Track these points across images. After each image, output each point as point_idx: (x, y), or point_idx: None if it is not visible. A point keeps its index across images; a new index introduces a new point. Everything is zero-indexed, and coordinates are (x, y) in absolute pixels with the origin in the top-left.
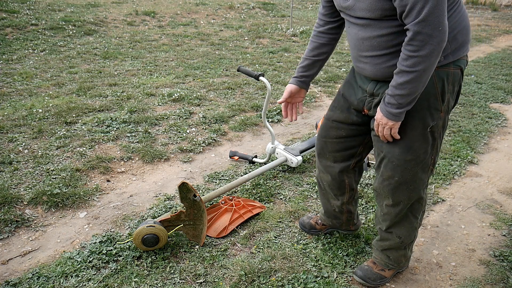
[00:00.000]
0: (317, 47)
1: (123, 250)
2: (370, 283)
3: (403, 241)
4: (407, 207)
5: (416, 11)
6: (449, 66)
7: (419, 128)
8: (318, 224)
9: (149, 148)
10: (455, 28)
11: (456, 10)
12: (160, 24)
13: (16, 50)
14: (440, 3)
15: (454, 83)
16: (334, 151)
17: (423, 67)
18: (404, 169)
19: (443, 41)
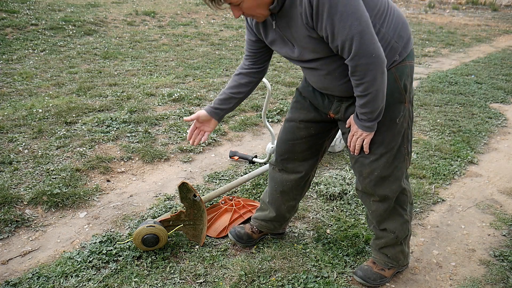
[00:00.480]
0: (237, 86)
1: (123, 250)
2: (370, 283)
3: (397, 236)
4: (393, 200)
5: (346, 50)
6: (405, 61)
7: (388, 122)
8: (255, 233)
9: (149, 148)
10: (396, 29)
11: (389, 13)
12: (160, 24)
13: (16, 50)
14: (365, 34)
15: (411, 74)
16: (304, 151)
17: (374, 89)
18: (381, 163)
19: (382, 63)
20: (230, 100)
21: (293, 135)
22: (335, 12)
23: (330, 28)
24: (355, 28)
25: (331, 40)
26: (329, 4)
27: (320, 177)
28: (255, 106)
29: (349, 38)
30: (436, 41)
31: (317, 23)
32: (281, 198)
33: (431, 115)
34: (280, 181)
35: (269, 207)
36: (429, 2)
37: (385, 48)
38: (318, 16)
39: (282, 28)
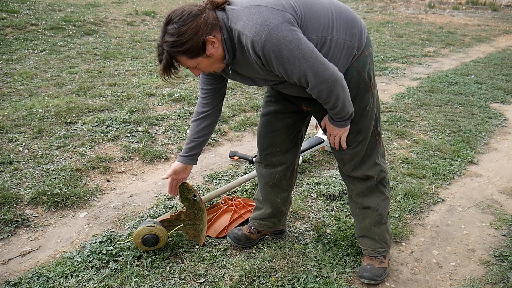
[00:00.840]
0: (201, 130)
1: (123, 250)
2: (379, 280)
3: (381, 212)
4: (375, 179)
5: (304, 84)
6: (364, 52)
7: (361, 112)
8: (253, 233)
9: (149, 148)
10: (346, 29)
11: (335, 20)
12: (160, 24)
13: (16, 50)
14: (315, 67)
15: (372, 62)
16: (284, 141)
17: (340, 102)
18: (360, 149)
19: (339, 81)
20: (199, 145)
21: (271, 127)
22: (282, 59)
23: (282, 71)
24: (304, 66)
25: (287, 79)
26: (274, 54)
27: (320, 177)
28: (255, 106)
29: (302, 75)
30: (436, 41)
31: (270, 68)
32: (273, 192)
33: (431, 115)
34: (268, 175)
35: (264, 204)
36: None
37: (341, 52)
38: (269, 64)
39: (240, 70)
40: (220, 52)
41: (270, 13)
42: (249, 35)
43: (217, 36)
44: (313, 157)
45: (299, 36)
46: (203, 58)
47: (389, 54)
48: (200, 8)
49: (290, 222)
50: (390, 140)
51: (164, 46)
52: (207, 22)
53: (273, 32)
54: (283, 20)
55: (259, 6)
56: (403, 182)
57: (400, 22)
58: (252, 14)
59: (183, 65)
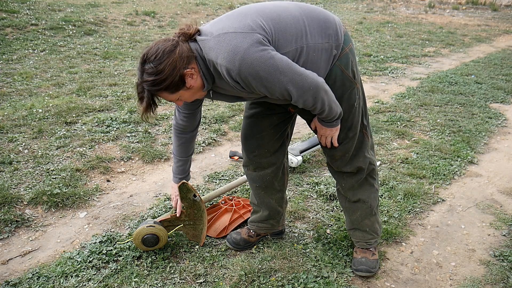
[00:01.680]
0: (186, 148)
1: (123, 250)
2: (373, 271)
3: (371, 204)
4: (365, 172)
5: (287, 97)
6: (344, 49)
7: (348, 109)
8: (252, 237)
9: (149, 148)
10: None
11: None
12: (160, 24)
13: (16, 50)
14: (294, 80)
15: (354, 57)
16: (272, 140)
17: (326, 105)
18: (351, 145)
19: (321, 86)
20: (187, 160)
21: (258, 128)
22: (260, 80)
23: (264, 91)
24: (284, 81)
25: (270, 96)
26: (252, 77)
27: (320, 177)
28: None
29: (284, 90)
30: (436, 41)
31: (250, 89)
32: (267, 194)
33: (431, 115)
34: (259, 179)
35: (260, 208)
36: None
37: (320, 55)
38: (248, 87)
39: (223, 92)
40: (199, 82)
41: (239, 38)
42: (223, 64)
43: (194, 67)
44: (313, 157)
45: (271, 54)
46: (184, 90)
47: (389, 54)
48: (173, 43)
49: (290, 222)
50: (390, 140)
51: (144, 86)
52: (182, 56)
53: (245, 56)
54: (253, 42)
55: (227, 33)
56: (403, 182)
57: (400, 22)
58: (221, 43)
59: (166, 99)
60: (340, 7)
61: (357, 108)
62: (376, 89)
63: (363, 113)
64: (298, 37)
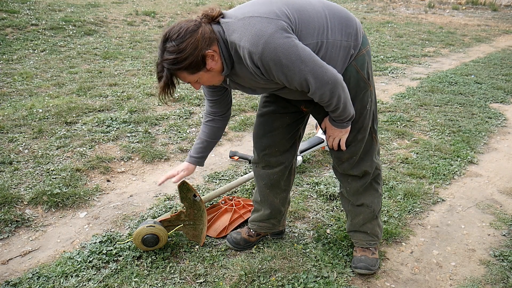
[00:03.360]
0: (213, 131)
1: (123, 250)
2: (373, 270)
3: (374, 209)
4: (370, 176)
5: (305, 88)
6: (361, 50)
7: (360, 110)
8: (252, 236)
9: (149, 148)
10: (341, 30)
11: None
12: (160, 24)
13: (16, 50)
14: (315, 71)
15: (370, 60)
16: (282, 140)
17: (341, 103)
18: (359, 147)
19: (339, 83)
20: (209, 146)
21: (270, 127)
22: (281, 66)
23: (283, 79)
24: (304, 71)
25: (288, 85)
26: (273, 62)
27: (320, 177)
28: (255, 106)
29: (303, 80)
30: (436, 41)
31: (270, 77)
32: (272, 193)
33: (431, 115)
34: (266, 176)
35: (262, 206)
36: (429, 2)
37: (338, 53)
38: (268, 73)
39: (239, 81)
40: (219, 65)
41: (264, 22)
42: (246, 46)
43: (216, 49)
44: (313, 157)
45: (295, 42)
46: (203, 72)
47: (389, 54)
48: (196, 23)
49: (290, 222)
50: (390, 140)
51: (164, 64)
52: (204, 37)
53: (269, 41)
54: (278, 28)
55: (252, 17)
56: (403, 182)
57: (400, 22)
58: (246, 26)
59: (184, 81)
60: None
61: (369, 110)
62: (376, 89)
63: (374, 117)
64: (319, 31)
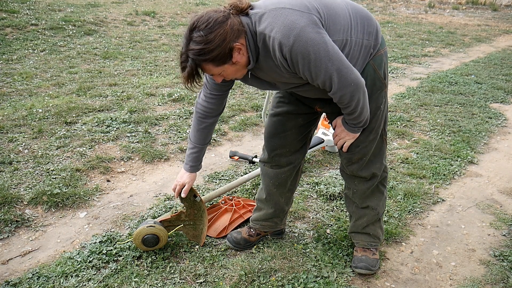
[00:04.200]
0: (205, 133)
1: (123, 250)
2: (373, 270)
3: (378, 212)
4: (378, 179)
5: (327, 86)
6: (379, 50)
7: (374, 110)
8: (253, 236)
9: (149, 148)
10: (363, 29)
11: (353, 21)
12: (160, 24)
13: (16, 50)
14: (341, 70)
15: (387, 61)
16: (294, 141)
17: (360, 107)
18: (370, 148)
19: (361, 86)
20: (203, 150)
21: (283, 127)
22: (309, 61)
23: (308, 74)
24: (330, 69)
25: (311, 81)
26: (302, 55)
27: (320, 177)
28: (255, 106)
29: (327, 78)
30: (436, 41)
31: (295, 70)
32: (278, 192)
33: (431, 115)
34: (274, 176)
35: (265, 205)
36: (429, 2)
37: (360, 51)
38: (294, 66)
39: (261, 75)
40: (245, 59)
41: (296, 15)
42: (277, 37)
43: (243, 43)
44: (313, 157)
45: (325, 39)
46: (229, 65)
47: (389, 54)
48: (225, 14)
49: (290, 222)
50: (390, 140)
51: (189, 54)
52: (233, 29)
53: (301, 34)
54: (310, 22)
55: (284, 8)
56: (403, 182)
57: (400, 22)
58: (278, 16)
59: (208, 73)
60: None
61: (382, 111)
62: None
63: (385, 119)
64: (345, 29)
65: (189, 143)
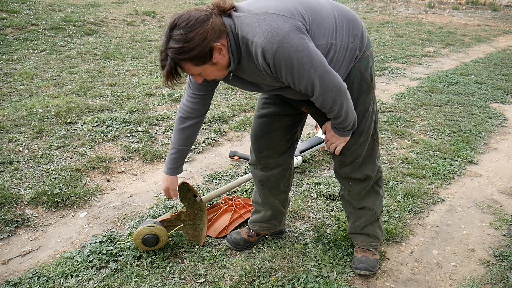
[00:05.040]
0: (187, 134)
1: (123, 250)
2: (374, 271)
3: (376, 212)
4: (372, 180)
5: (309, 92)
6: (365, 52)
7: (363, 113)
8: (252, 236)
9: (149, 148)
10: (348, 31)
11: (338, 24)
12: (160, 24)
13: (16, 50)
14: (323, 76)
15: (373, 62)
16: (280, 142)
17: (343, 111)
18: (361, 150)
19: (343, 91)
20: (185, 154)
21: (268, 128)
22: (292, 67)
23: (290, 80)
24: (313, 75)
25: (293, 87)
26: (284, 62)
27: (320, 177)
28: (255, 106)
29: (310, 84)
30: (436, 41)
31: (277, 75)
32: (271, 194)
33: (431, 115)
34: (265, 178)
35: (263, 208)
36: (429, 2)
37: (345, 54)
38: (277, 72)
39: (244, 76)
40: (226, 60)
41: (280, 20)
42: (260, 43)
43: (224, 43)
44: (313, 157)
45: (308, 45)
46: (208, 65)
47: (389, 54)
48: (207, 13)
49: (290, 222)
50: (390, 140)
51: (168, 52)
52: (214, 28)
53: (284, 40)
54: (293, 28)
55: (268, 13)
56: (403, 182)
57: (400, 22)
58: (261, 22)
59: (187, 72)
60: None
61: (371, 112)
62: (376, 89)
63: (375, 119)
64: (329, 32)
65: (170, 145)
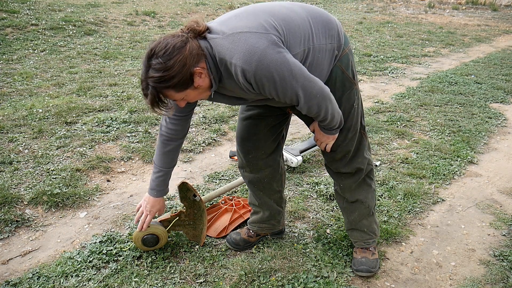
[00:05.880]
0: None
1: (123, 250)
2: (374, 271)
3: (369, 205)
4: (363, 172)
5: (295, 102)
6: (344, 50)
7: (348, 110)
8: (252, 237)
9: (149, 148)
10: (325, 33)
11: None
12: (160, 24)
13: (16, 50)
14: (305, 86)
15: (353, 58)
16: (268, 142)
17: (329, 114)
18: (350, 146)
19: (327, 95)
20: (169, 174)
21: (255, 129)
22: (274, 82)
23: (274, 94)
24: (295, 86)
25: (278, 100)
26: (266, 78)
27: (320, 177)
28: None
29: (294, 95)
30: (436, 41)
31: (260, 92)
32: (265, 195)
33: (431, 115)
34: (256, 180)
35: (260, 208)
36: (429, 2)
37: (324, 56)
38: (260, 89)
39: (226, 92)
40: (207, 82)
41: (254, 38)
42: (238, 64)
43: (204, 66)
44: (313, 157)
45: (286, 58)
46: (190, 90)
47: (389, 54)
48: (183, 39)
49: (290, 222)
50: (390, 140)
51: (149, 82)
52: (192, 53)
53: (262, 57)
54: (269, 43)
55: (242, 32)
56: (403, 182)
57: (400, 22)
58: (236, 42)
59: (170, 98)
60: (340, 7)
61: (356, 108)
62: (376, 89)
63: (361, 113)
64: (305, 38)
65: (154, 167)
